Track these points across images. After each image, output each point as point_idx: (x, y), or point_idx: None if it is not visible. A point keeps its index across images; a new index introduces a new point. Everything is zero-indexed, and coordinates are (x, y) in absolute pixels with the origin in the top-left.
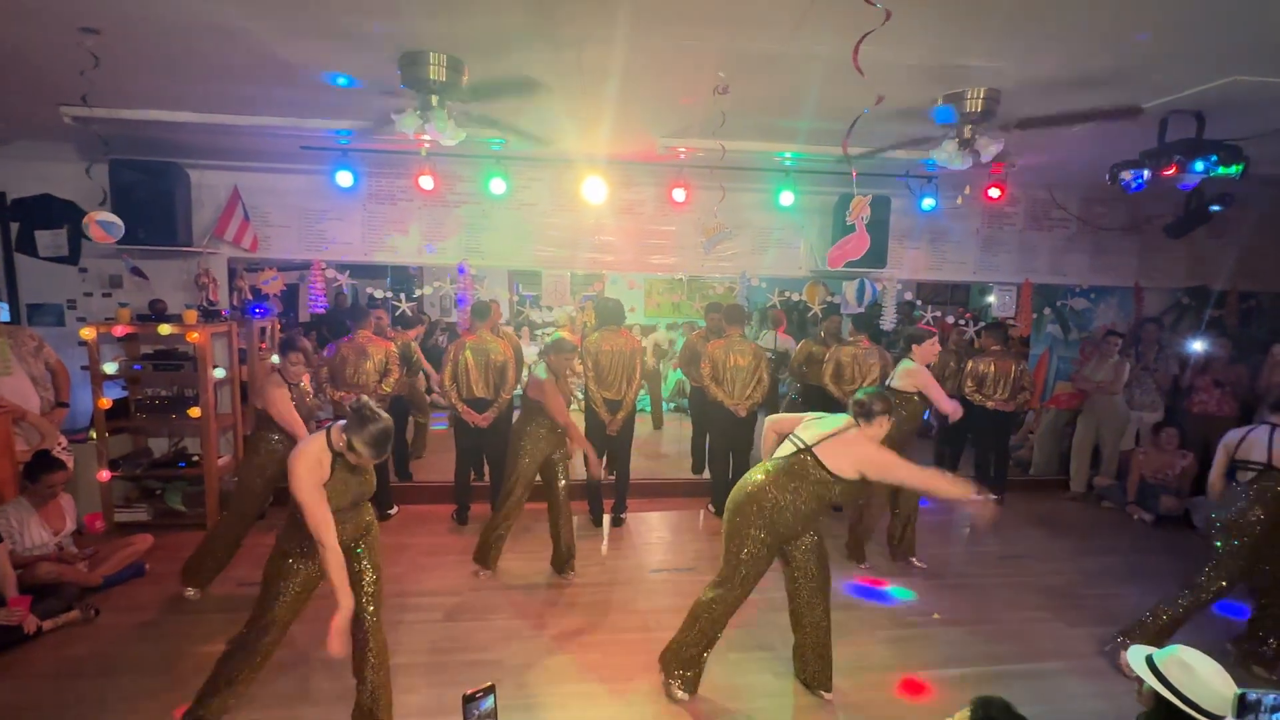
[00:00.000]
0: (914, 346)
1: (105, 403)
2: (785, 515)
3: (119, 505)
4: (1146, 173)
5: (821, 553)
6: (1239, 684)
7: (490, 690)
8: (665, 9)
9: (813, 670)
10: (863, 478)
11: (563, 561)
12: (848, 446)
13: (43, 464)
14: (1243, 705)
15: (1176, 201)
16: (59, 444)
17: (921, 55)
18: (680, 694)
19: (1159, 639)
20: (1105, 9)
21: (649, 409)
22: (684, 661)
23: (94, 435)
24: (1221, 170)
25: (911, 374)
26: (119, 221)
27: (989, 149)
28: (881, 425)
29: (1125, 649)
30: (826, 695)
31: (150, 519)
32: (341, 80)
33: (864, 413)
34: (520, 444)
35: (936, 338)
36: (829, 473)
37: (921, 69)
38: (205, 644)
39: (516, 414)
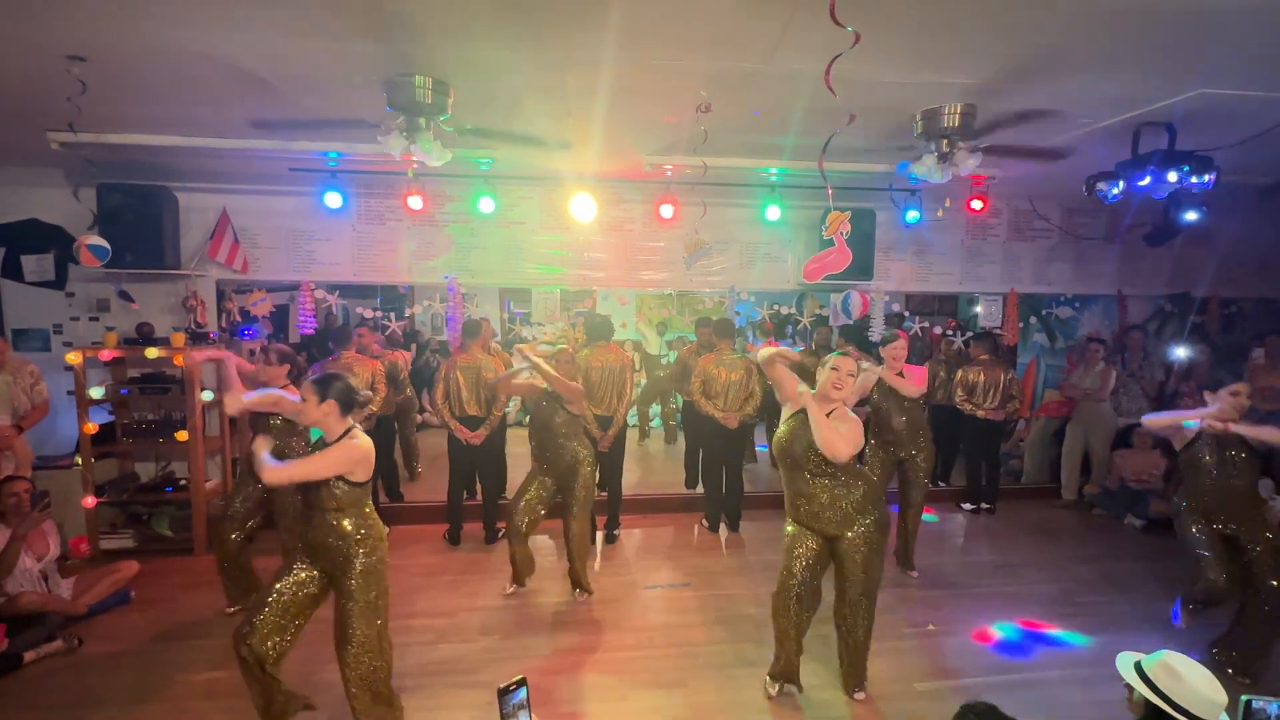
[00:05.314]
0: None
1: (91, 427)
2: None
3: (105, 531)
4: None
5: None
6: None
7: (522, 683)
8: (648, 31)
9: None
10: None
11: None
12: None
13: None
14: (1248, 712)
15: (1155, 210)
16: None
17: (896, 73)
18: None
19: None
20: (1075, 26)
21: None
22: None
23: (79, 461)
24: (1193, 180)
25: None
26: (105, 244)
27: (967, 162)
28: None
29: None
30: (858, 696)
31: (136, 545)
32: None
33: None
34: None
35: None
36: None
37: (897, 85)
38: (190, 672)
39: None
